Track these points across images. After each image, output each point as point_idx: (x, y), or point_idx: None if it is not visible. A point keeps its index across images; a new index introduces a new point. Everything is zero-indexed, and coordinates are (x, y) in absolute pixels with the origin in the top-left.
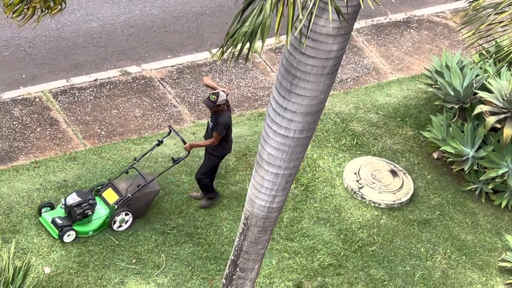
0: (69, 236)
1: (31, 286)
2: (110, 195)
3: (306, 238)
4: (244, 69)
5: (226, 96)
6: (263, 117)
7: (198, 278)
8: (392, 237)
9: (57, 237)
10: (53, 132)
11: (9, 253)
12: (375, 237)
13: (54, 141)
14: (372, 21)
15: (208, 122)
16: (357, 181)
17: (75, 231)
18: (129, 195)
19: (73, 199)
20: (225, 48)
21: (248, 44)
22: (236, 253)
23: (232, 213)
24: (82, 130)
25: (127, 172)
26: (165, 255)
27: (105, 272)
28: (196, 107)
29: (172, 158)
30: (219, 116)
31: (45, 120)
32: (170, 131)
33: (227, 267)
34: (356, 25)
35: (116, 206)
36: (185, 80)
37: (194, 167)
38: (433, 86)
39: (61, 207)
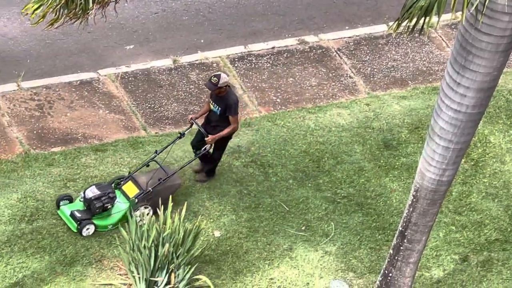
0: (88, 230)
1: (201, 249)
2: (130, 189)
3: (474, 212)
4: (420, 43)
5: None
6: (437, 91)
7: (366, 247)
8: None
9: (75, 231)
10: None
11: (180, 215)
12: None
13: None
14: None
15: (211, 109)
16: None
17: (94, 224)
18: (150, 188)
19: (92, 192)
20: (401, 21)
21: (423, 19)
22: (404, 224)
23: (402, 184)
24: (257, 97)
25: (147, 165)
26: (334, 223)
27: (274, 238)
28: (371, 78)
29: (194, 152)
30: (227, 98)
31: None
32: (192, 124)
33: (394, 238)
34: None
35: (136, 200)
36: (362, 51)
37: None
38: None
39: (80, 200)
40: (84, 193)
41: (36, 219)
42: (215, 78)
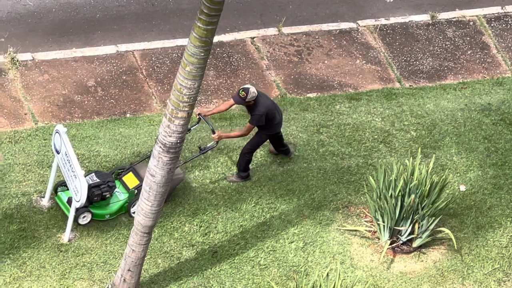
0: (85, 218)
1: (446, 202)
2: (131, 180)
3: None
4: None
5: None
6: None
7: None
8: None
9: None
10: (483, 56)
11: (427, 167)
12: None
13: (483, 64)
14: None
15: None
16: None
17: (91, 213)
18: None
19: (91, 180)
20: None
21: None
22: None
23: None
24: (511, 57)
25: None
26: None
27: None
28: None
29: (199, 147)
30: (254, 109)
31: (477, 43)
32: (199, 119)
33: None
34: None
35: (135, 191)
36: None
37: None
38: None
39: None
40: None
41: (287, 162)
42: (243, 92)
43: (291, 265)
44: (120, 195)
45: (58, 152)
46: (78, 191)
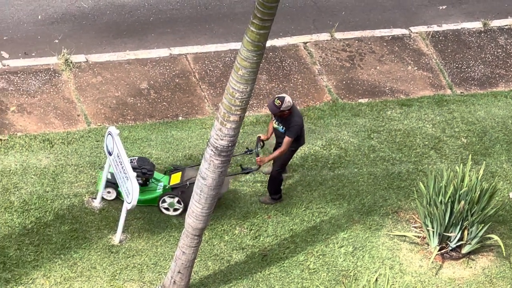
0: (109, 194)
1: (495, 209)
2: (175, 178)
3: None
4: None
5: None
6: None
7: None
8: None
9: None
10: None
11: (477, 174)
12: None
13: None
14: None
15: (274, 127)
16: None
17: (117, 191)
18: (187, 182)
19: (131, 162)
20: None
21: None
22: None
23: None
24: None
25: None
26: None
27: None
28: None
29: (241, 166)
30: (290, 119)
31: None
32: (263, 144)
33: None
34: None
35: (171, 189)
36: None
37: None
38: None
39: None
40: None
41: (338, 167)
42: (278, 101)
43: (340, 269)
44: (159, 189)
45: (110, 154)
46: (130, 193)
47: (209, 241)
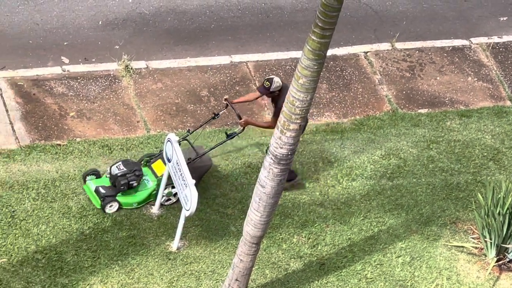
0: (112, 207)
1: None
2: (159, 167)
3: None
4: None
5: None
6: None
7: None
8: None
9: (99, 207)
10: None
11: None
12: None
13: None
14: None
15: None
16: None
17: (119, 202)
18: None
19: (118, 169)
20: None
21: None
22: None
23: None
24: None
25: (179, 144)
26: None
27: None
28: None
29: (226, 133)
30: (278, 101)
31: None
32: (227, 105)
33: None
34: None
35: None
36: None
37: None
38: None
39: (106, 176)
40: (110, 169)
41: (397, 177)
42: (267, 82)
43: (398, 279)
44: (148, 183)
45: (169, 161)
46: (188, 200)
47: (267, 249)
